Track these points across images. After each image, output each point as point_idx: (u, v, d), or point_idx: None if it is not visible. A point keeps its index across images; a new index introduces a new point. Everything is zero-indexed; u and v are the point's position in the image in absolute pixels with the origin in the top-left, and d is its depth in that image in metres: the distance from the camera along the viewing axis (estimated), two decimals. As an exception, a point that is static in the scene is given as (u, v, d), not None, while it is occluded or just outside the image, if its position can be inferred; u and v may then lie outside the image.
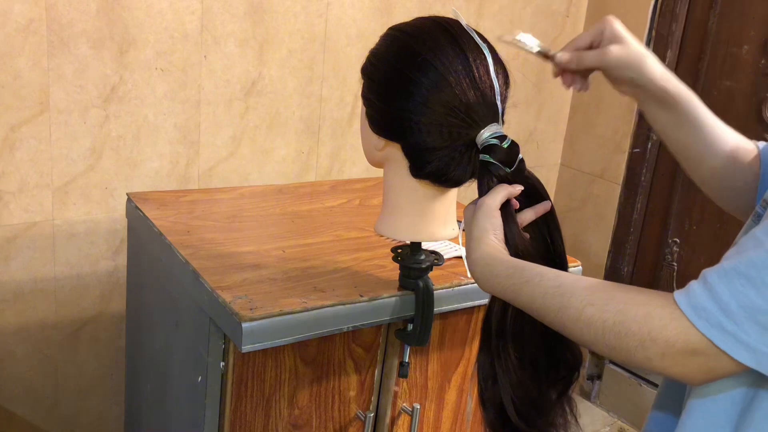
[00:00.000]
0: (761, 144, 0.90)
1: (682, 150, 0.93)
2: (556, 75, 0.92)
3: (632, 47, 0.86)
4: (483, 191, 0.88)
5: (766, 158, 0.88)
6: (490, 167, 0.88)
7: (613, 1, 2.30)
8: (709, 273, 0.66)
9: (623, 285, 0.72)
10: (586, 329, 0.71)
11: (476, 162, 0.93)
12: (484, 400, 0.88)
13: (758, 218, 0.77)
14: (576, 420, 0.90)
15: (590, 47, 0.88)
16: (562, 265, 0.89)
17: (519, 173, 0.89)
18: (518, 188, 0.87)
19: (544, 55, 0.90)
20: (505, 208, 0.86)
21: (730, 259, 0.66)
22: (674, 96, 0.87)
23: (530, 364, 0.87)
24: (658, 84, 0.86)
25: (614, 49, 0.85)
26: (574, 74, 0.91)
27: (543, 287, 0.76)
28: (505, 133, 0.90)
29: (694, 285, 0.66)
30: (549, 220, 0.90)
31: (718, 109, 0.92)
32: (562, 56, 0.88)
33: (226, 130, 1.77)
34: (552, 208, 0.90)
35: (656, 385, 2.16)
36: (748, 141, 0.91)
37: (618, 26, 0.87)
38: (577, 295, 0.72)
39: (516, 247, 0.85)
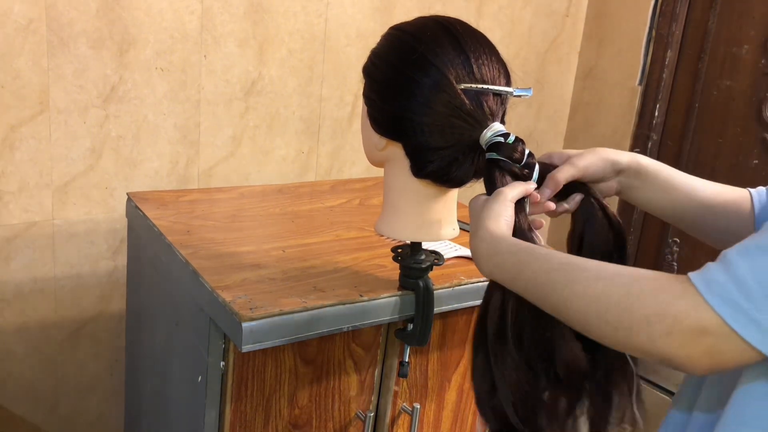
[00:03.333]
0: (753, 190, 0.92)
1: (662, 212, 0.96)
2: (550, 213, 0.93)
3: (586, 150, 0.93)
4: (494, 188, 0.87)
5: (759, 204, 0.89)
6: (501, 164, 0.87)
7: (613, 1, 2.30)
8: (729, 251, 0.63)
9: (635, 268, 0.69)
10: (591, 305, 0.68)
11: (479, 162, 0.93)
12: (485, 409, 0.85)
13: None
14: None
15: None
16: None
17: (530, 167, 0.88)
18: (532, 185, 0.87)
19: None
20: (520, 204, 0.86)
21: (750, 238, 0.63)
22: (647, 165, 0.93)
23: (531, 366, 0.83)
24: (631, 158, 0.93)
25: (576, 152, 0.92)
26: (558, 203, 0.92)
27: (550, 263, 0.74)
28: (507, 131, 0.90)
29: (710, 264, 0.63)
30: (618, 241, 0.88)
31: (718, 109, 0.93)
32: (545, 192, 0.89)
33: (226, 130, 1.77)
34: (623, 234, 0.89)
35: (657, 385, 2.16)
36: (739, 189, 0.93)
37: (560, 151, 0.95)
38: (587, 270, 0.70)
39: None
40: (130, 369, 1.50)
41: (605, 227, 0.88)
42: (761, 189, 0.92)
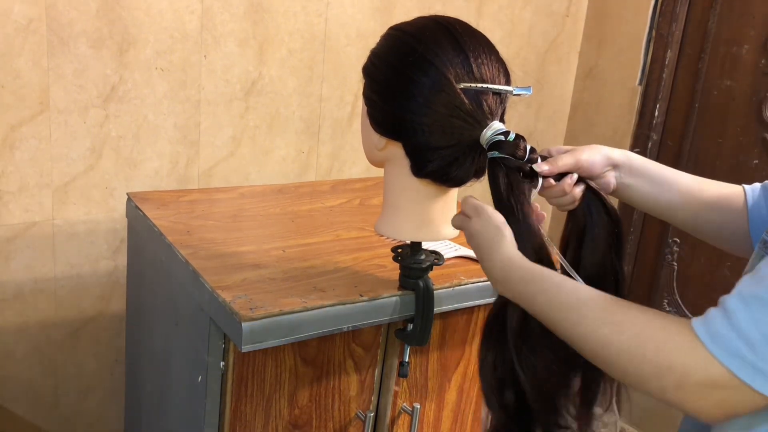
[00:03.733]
0: (748, 187, 0.93)
1: (656, 209, 0.98)
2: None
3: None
4: (499, 187, 0.87)
5: (752, 199, 0.90)
6: (504, 161, 0.88)
7: (613, 1, 2.30)
8: (728, 300, 0.63)
9: (641, 306, 0.70)
10: (600, 349, 0.69)
11: (480, 161, 0.93)
12: (493, 404, 0.87)
13: (761, 255, 0.77)
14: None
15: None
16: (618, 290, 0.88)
17: (533, 162, 0.89)
18: (544, 168, 0.89)
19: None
20: (525, 194, 0.87)
21: (748, 285, 0.64)
22: (638, 161, 0.97)
23: (550, 364, 0.84)
24: (623, 153, 0.96)
25: (573, 147, 0.95)
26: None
27: (559, 300, 0.75)
28: (507, 129, 0.90)
29: (712, 312, 0.64)
30: (615, 243, 0.89)
31: (718, 109, 0.94)
32: (543, 168, 0.91)
33: (226, 129, 1.77)
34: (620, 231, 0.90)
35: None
36: (733, 186, 0.94)
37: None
38: (594, 313, 0.71)
39: (533, 249, 0.84)
40: (130, 369, 1.50)
41: (605, 218, 0.89)
42: (756, 185, 0.92)
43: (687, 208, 0.95)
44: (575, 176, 0.91)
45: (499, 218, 0.85)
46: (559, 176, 0.91)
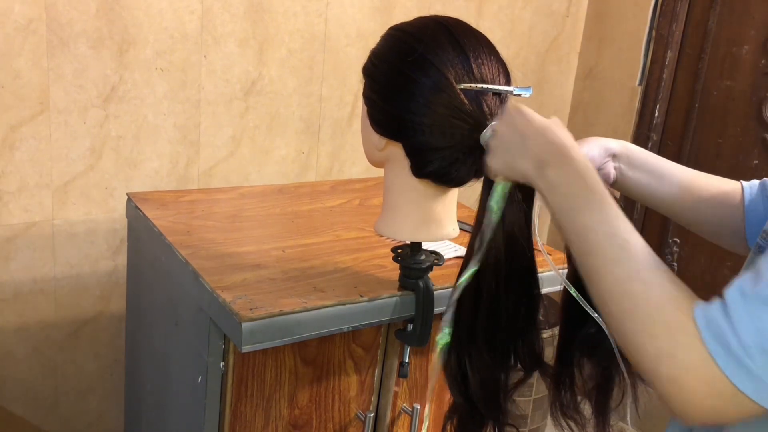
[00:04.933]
0: (746, 183, 0.92)
1: (654, 200, 0.99)
2: None
3: None
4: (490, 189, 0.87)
5: (749, 196, 0.91)
6: None
7: (613, 1, 2.30)
8: (733, 305, 0.62)
9: (675, 278, 0.66)
10: (623, 298, 0.66)
11: (479, 161, 0.93)
12: (455, 393, 0.93)
13: (760, 249, 0.77)
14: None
15: None
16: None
17: None
18: None
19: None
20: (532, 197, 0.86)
21: (751, 282, 0.62)
22: (636, 151, 0.98)
23: (494, 360, 0.90)
24: (621, 144, 0.97)
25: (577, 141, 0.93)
26: None
27: (613, 228, 0.70)
28: None
29: (716, 309, 0.62)
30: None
31: (718, 109, 0.94)
32: None
33: (226, 130, 1.77)
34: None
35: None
36: (731, 182, 0.94)
37: None
38: (637, 262, 0.67)
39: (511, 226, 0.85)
40: (130, 369, 1.50)
41: None
42: (754, 182, 0.92)
43: (685, 201, 0.95)
44: None
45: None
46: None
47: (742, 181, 0.94)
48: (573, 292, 0.82)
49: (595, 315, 0.77)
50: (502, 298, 0.88)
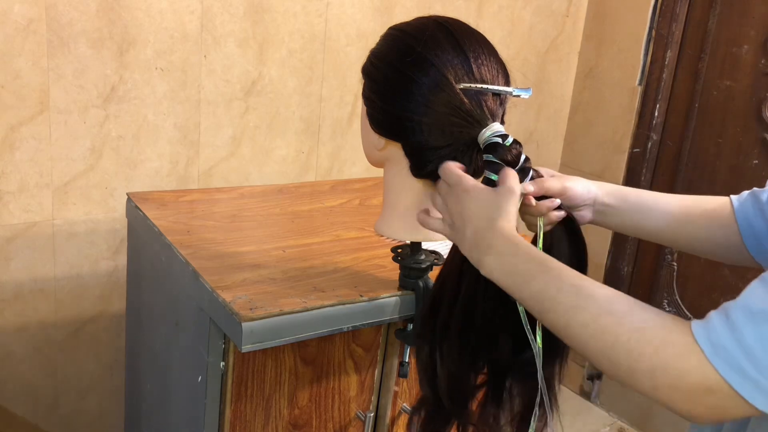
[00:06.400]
0: (734, 197, 0.93)
1: (640, 233, 0.99)
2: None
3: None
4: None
5: (738, 208, 0.91)
6: (494, 167, 0.88)
7: (613, 1, 2.30)
8: (733, 310, 0.63)
9: (644, 304, 0.69)
10: (595, 338, 0.68)
11: (478, 161, 0.93)
12: (425, 388, 0.95)
13: None
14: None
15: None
16: None
17: (524, 172, 0.89)
18: (529, 188, 0.89)
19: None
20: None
21: (756, 298, 0.62)
22: (615, 190, 0.98)
23: (468, 356, 0.92)
24: (600, 185, 0.97)
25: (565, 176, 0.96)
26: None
27: (561, 282, 0.73)
28: (506, 132, 0.90)
29: (714, 319, 0.63)
30: (573, 233, 0.90)
31: (718, 109, 0.94)
32: (528, 188, 0.90)
33: (226, 130, 1.77)
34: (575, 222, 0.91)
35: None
36: (718, 198, 0.94)
37: None
38: (596, 300, 0.70)
39: None
40: (130, 369, 1.50)
41: (567, 251, 0.91)
42: (744, 193, 0.92)
43: (676, 228, 0.96)
44: (557, 201, 0.90)
45: (517, 204, 0.84)
46: (540, 197, 0.91)
47: (730, 196, 0.94)
48: (522, 314, 0.84)
49: (535, 346, 0.83)
50: (479, 301, 0.89)
